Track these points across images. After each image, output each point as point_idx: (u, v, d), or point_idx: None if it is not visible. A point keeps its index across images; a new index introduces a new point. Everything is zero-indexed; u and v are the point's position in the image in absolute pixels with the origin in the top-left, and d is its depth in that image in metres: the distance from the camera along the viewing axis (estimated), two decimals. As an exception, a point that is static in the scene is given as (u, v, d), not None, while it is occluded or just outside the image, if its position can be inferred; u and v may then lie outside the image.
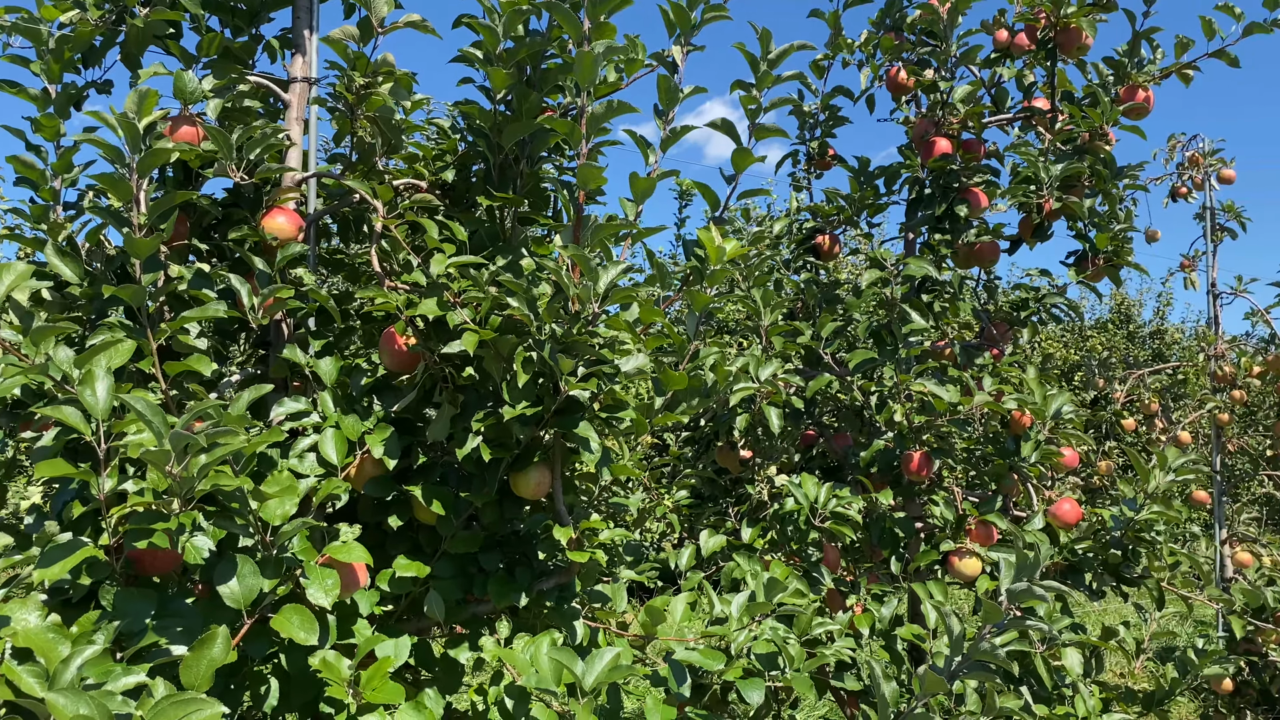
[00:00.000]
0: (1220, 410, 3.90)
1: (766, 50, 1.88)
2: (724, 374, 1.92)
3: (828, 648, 2.10)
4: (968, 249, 2.83)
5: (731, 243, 1.88)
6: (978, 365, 2.67)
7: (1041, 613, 2.35)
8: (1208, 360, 3.97)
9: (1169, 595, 2.47)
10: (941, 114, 2.69)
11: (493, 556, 1.80)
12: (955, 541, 2.37)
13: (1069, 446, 2.70)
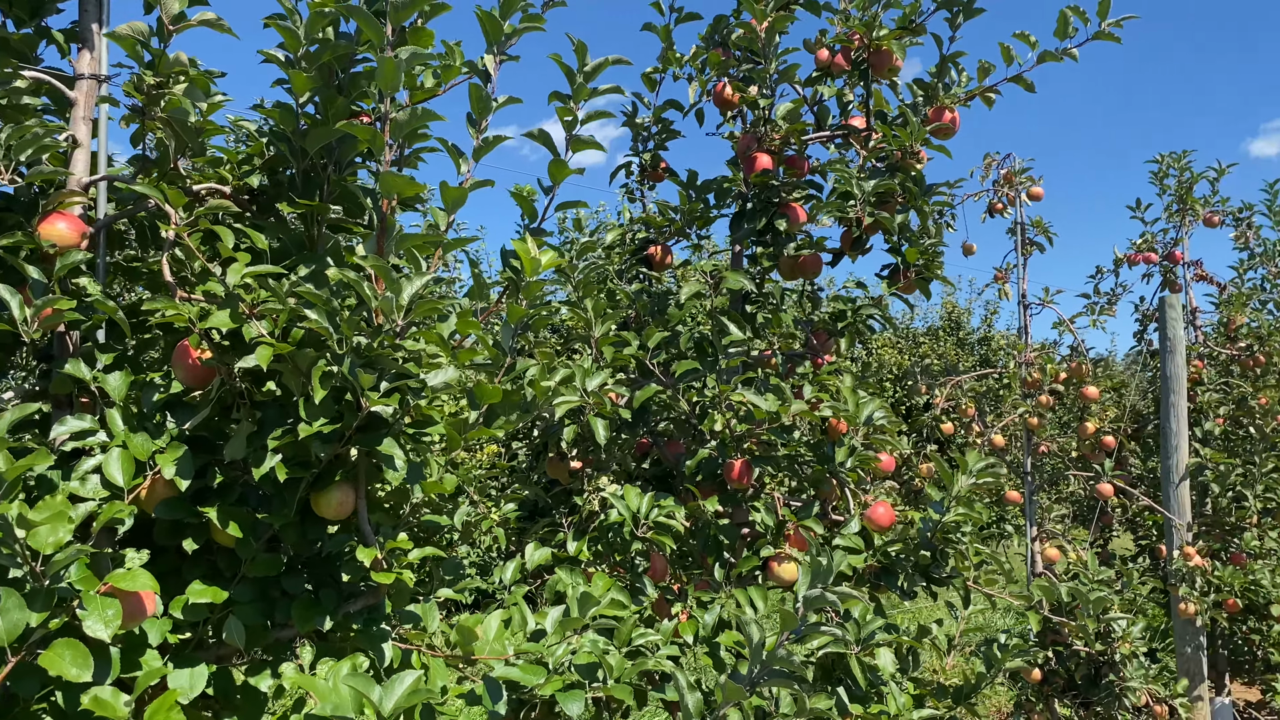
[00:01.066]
0: (1030, 414, 4.15)
1: (583, 63, 1.88)
2: (542, 388, 1.91)
3: (649, 657, 2.11)
4: (792, 261, 2.91)
5: (549, 254, 1.87)
6: (798, 374, 2.74)
7: (856, 614, 2.43)
8: (1019, 367, 4.22)
9: (977, 592, 2.60)
10: (764, 130, 2.76)
11: (297, 579, 1.73)
12: (775, 547, 2.43)
13: (885, 451, 2.81)
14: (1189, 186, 5.42)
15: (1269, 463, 4.77)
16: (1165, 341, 4.95)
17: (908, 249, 2.73)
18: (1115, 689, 3.63)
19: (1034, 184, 4.33)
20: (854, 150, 2.98)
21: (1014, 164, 4.35)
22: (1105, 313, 4.75)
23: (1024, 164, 4.34)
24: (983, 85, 2.67)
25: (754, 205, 2.74)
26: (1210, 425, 5.11)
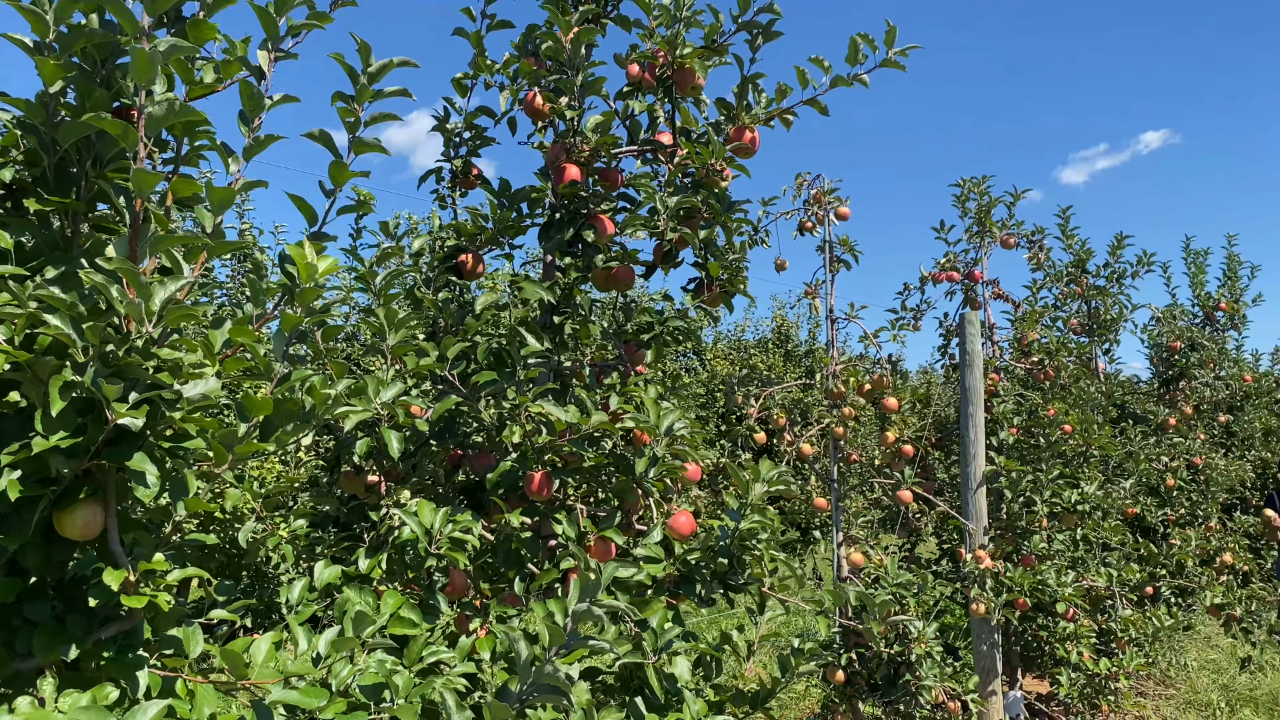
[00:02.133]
0: (835, 424, 4.31)
1: (367, 63, 1.83)
2: (322, 397, 1.84)
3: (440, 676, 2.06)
4: (605, 273, 2.92)
5: (327, 260, 1.80)
6: (605, 385, 2.75)
7: (654, 623, 2.45)
8: (825, 379, 4.38)
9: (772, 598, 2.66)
10: (573, 141, 2.76)
11: (41, 605, 1.60)
12: (576, 558, 2.42)
13: (693, 461, 2.85)
14: (987, 210, 5.77)
15: (1054, 469, 5.12)
16: (965, 356, 5.25)
17: (711, 263, 2.79)
18: (911, 688, 3.80)
19: (841, 204, 4.51)
20: (664, 166, 3.03)
21: (823, 184, 4.52)
22: (907, 328, 4.98)
23: (832, 185, 4.52)
24: (780, 107, 2.75)
25: (562, 216, 2.74)
26: (1005, 435, 5.45)
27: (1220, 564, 7.15)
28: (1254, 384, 9.66)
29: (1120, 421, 7.13)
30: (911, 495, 4.49)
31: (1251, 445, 9.37)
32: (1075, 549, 5.48)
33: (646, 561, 2.51)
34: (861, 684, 4.07)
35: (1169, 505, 7.02)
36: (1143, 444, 6.67)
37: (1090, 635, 5.27)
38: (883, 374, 4.38)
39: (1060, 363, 5.68)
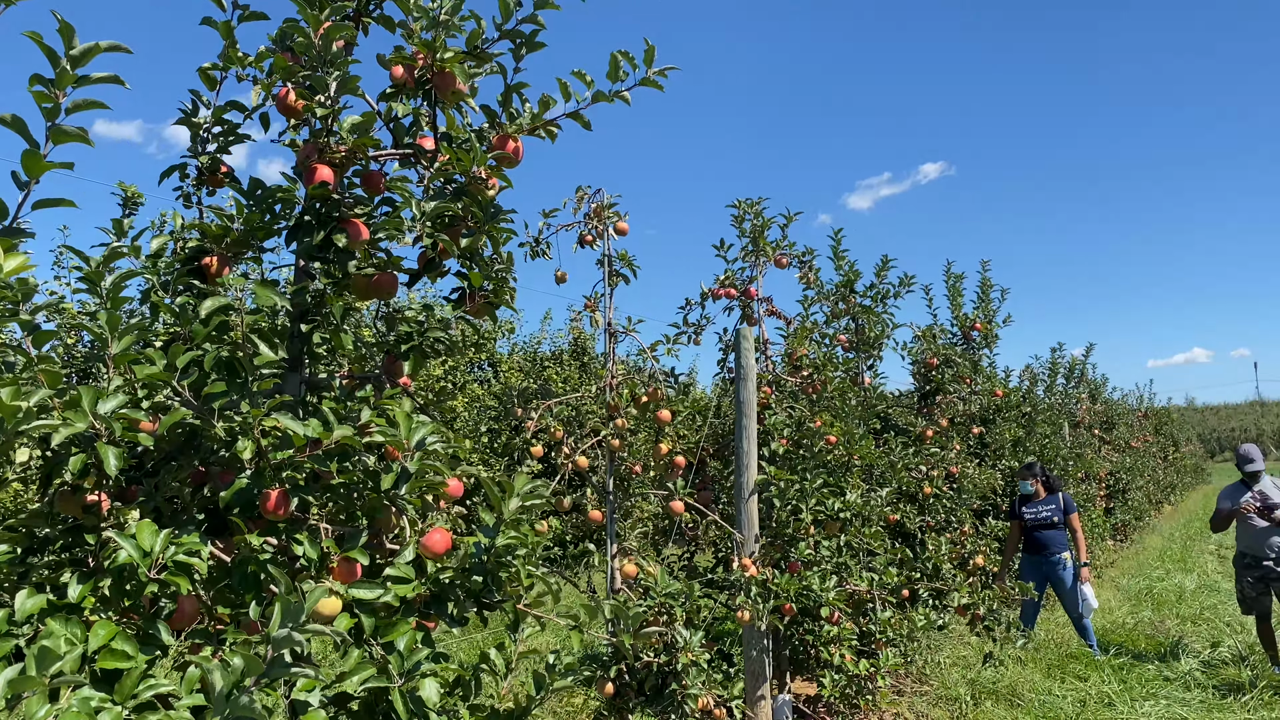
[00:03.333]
0: (611, 436, 4.34)
1: (70, 46, 1.66)
2: (10, 410, 1.65)
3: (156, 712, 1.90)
4: (365, 280, 2.80)
5: (17, 258, 1.62)
6: (357, 398, 2.64)
7: (401, 646, 2.36)
8: (601, 391, 4.41)
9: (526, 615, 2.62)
10: (327, 141, 2.63)
11: None
12: (317, 580, 2.30)
13: (455, 477, 2.78)
14: (761, 230, 5.99)
15: (818, 479, 5.36)
16: (739, 369, 5.42)
17: (474, 273, 2.73)
18: (678, 697, 3.86)
19: (620, 219, 4.56)
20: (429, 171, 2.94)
21: (603, 199, 4.55)
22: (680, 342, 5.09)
23: (612, 199, 4.56)
24: (544, 119, 2.73)
25: (311, 219, 2.61)
26: (776, 445, 5.65)
27: (973, 566, 7.72)
28: (1004, 398, 10.52)
29: (883, 433, 7.56)
30: (683, 506, 4.57)
31: (1001, 455, 10.18)
32: (839, 555, 5.76)
33: (395, 582, 2.41)
34: (631, 695, 4.10)
35: (926, 512, 7.51)
36: (902, 454, 7.10)
37: (852, 638, 5.55)
38: (658, 387, 4.45)
39: (827, 377, 5.96)
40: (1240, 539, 7.41)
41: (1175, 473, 26.04)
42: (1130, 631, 8.87)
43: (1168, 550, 15.19)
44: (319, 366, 2.98)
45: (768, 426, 5.70)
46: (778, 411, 5.84)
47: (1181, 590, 11.04)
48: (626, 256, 4.59)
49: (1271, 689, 6.60)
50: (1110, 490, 16.09)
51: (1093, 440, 16.47)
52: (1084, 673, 7.06)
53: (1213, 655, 7.83)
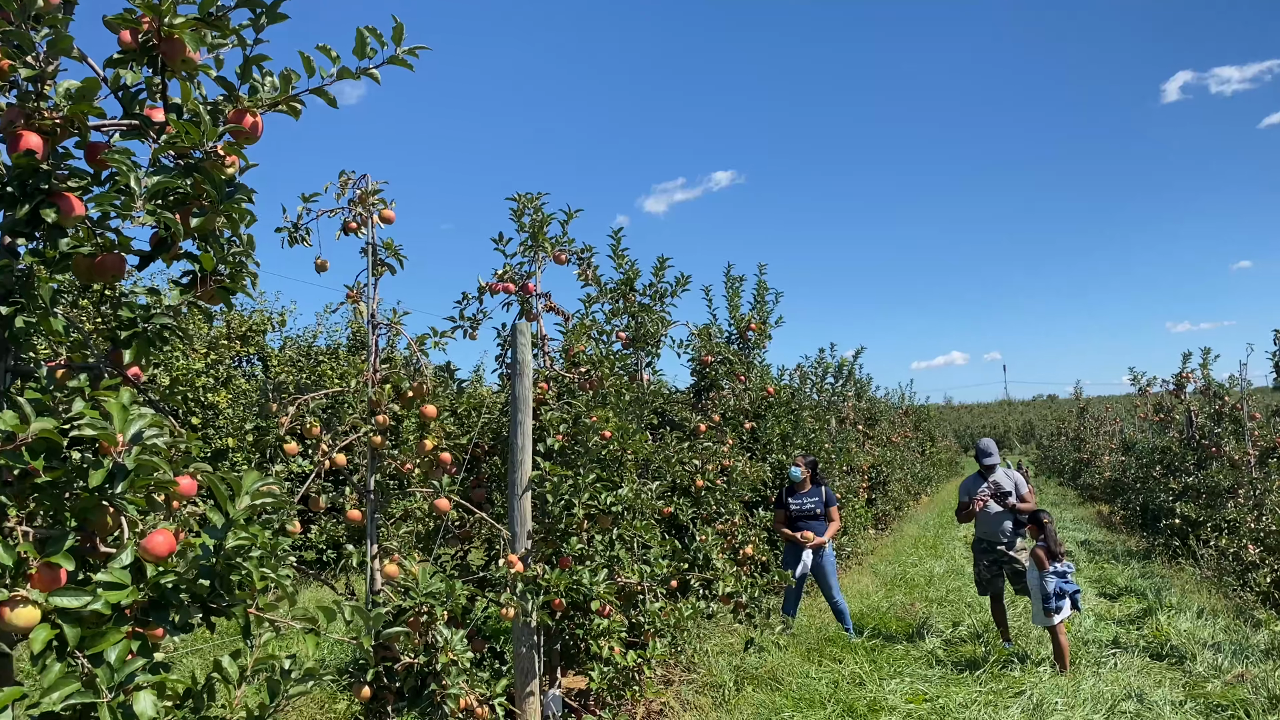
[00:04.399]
0: (373, 433, 4.19)
1: None
2: None
3: None
4: (88, 261, 2.56)
5: None
6: (70, 388, 2.41)
7: (112, 657, 2.17)
8: (363, 386, 4.25)
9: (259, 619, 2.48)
10: (36, 106, 2.39)
11: None
12: (11, 589, 2.07)
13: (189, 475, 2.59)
14: (541, 226, 5.97)
15: (591, 473, 5.39)
16: (515, 365, 5.37)
17: (205, 255, 2.55)
18: (436, 697, 3.77)
19: (386, 206, 4.41)
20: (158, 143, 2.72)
21: (368, 185, 4.39)
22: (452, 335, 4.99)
23: (377, 185, 4.40)
24: (287, 94, 2.59)
25: (16, 190, 2.35)
26: (552, 441, 5.65)
27: (742, 556, 8.02)
28: (775, 395, 10.99)
29: (660, 428, 7.73)
30: (449, 503, 4.48)
31: (771, 449, 10.64)
32: (612, 549, 5.83)
33: (107, 588, 2.22)
34: (390, 698, 3.97)
35: (699, 504, 7.73)
36: (677, 448, 7.27)
37: (621, 630, 5.62)
38: (423, 382, 4.33)
39: (605, 373, 6.02)
40: (978, 526, 8.07)
41: (932, 466, 28.11)
42: (884, 615, 9.48)
43: (922, 538, 16.37)
44: (35, 353, 2.70)
45: (544, 422, 5.68)
46: (554, 407, 5.84)
47: (931, 574, 11.92)
48: (393, 245, 4.44)
49: (1001, 662, 7.23)
50: (872, 482, 17.16)
51: (857, 435, 17.51)
52: (840, 655, 7.48)
53: (953, 634, 8.50)
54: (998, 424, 70.79)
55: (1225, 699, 6.18)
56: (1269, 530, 9.90)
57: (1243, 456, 11.70)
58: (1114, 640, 8.11)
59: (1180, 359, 13.90)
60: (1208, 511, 11.98)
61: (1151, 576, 11.30)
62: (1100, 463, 22.52)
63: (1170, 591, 10.01)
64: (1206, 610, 8.89)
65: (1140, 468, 15.90)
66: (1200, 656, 7.19)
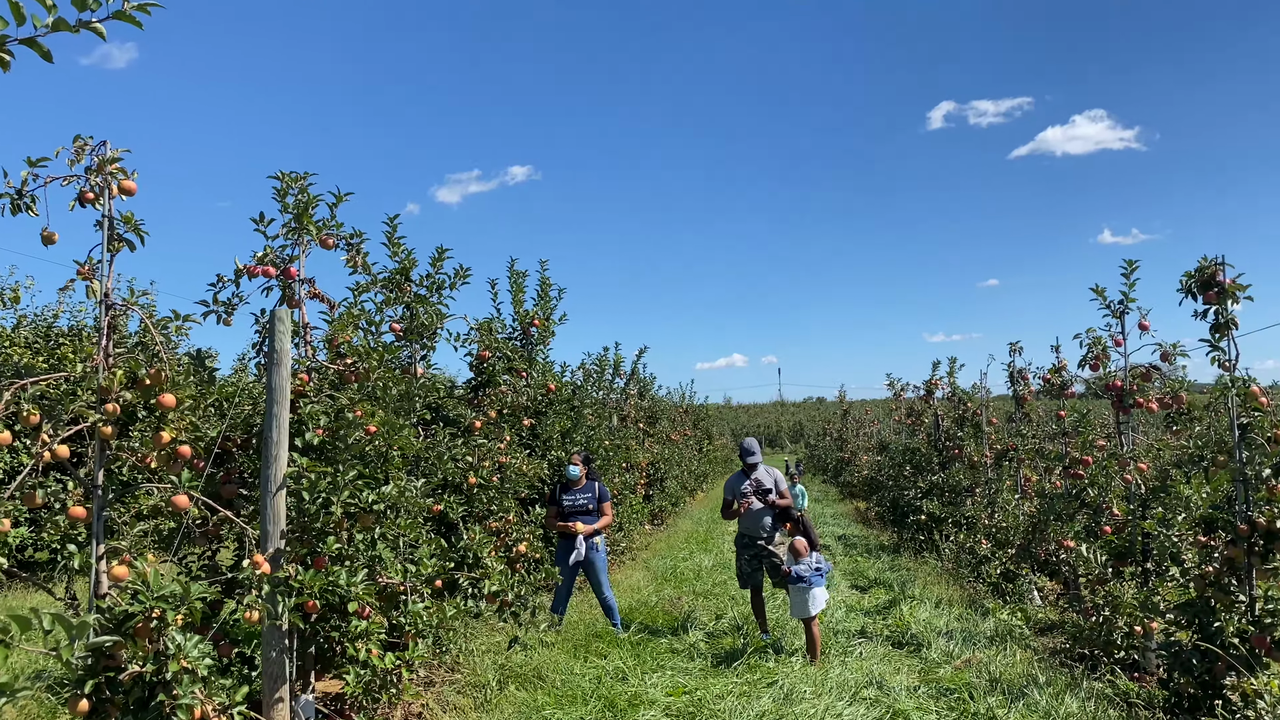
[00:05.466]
0: (102, 423, 3.84)
1: None
2: None
3: None
4: None
5: None
6: None
7: None
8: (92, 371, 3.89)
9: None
10: None
11: None
12: None
13: None
14: (306, 207, 5.67)
15: (352, 470, 5.18)
16: (273, 354, 5.08)
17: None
18: (165, 708, 3.50)
19: (126, 177, 4.05)
20: None
21: (107, 152, 4.02)
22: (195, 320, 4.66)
23: (117, 154, 4.03)
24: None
25: None
26: (311, 435, 5.38)
27: (516, 554, 7.96)
28: (556, 392, 11.01)
29: (433, 424, 7.55)
30: (188, 500, 4.17)
31: (551, 446, 10.65)
32: (374, 548, 5.63)
33: None
34: (113, 711, 3.65)
35: (472, 502, 7.61)
36: (450, 444, 7.12)
37: (381, 631, 5.44)
38: (161, 368, 4.00)
39: (372, 365, 5.79)
40: (741, 521, 8.38)
41: (708, 463, 29.10)
42: (652, 609, 9.69)
43: (694, 533, 16.88)
44: None
45: (303, 416, 5.40)
46: (315, 400, 5.57)
47: (700, 569, 12.31)
48: (133, 219, 4.08)
49: (758, 653, 7.54)
50: (650, 479, 17.55)
51: (638, 433, 17.87)
52: (606, 650, 7.56)
53: (716, 626, 8.79)
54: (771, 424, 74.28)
55: (954, 683, 6.71)
56: (1000, 526, 10.86)
57: (981, 458, 12.76)
58: (861, 630, 8.64)
59: (931, 367, 15.02)
60: (950, 508, 12.99)
61: (899, 569, 12.12)
62: (859, 462, 24.02)
63: (914, 583, 10.77)
64: (944, 600, 9.64)
65: (893, 467, 17.05)
66: (935, 644, 7.77)
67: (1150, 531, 6.73)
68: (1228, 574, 5.55)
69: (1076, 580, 8.75)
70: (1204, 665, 5.40)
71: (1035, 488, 11.40)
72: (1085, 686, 6.30)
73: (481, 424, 8.00)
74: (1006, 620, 8.38)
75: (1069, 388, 10.07)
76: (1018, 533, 10.28)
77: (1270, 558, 5.29)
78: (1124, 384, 7.24)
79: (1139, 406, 7.22)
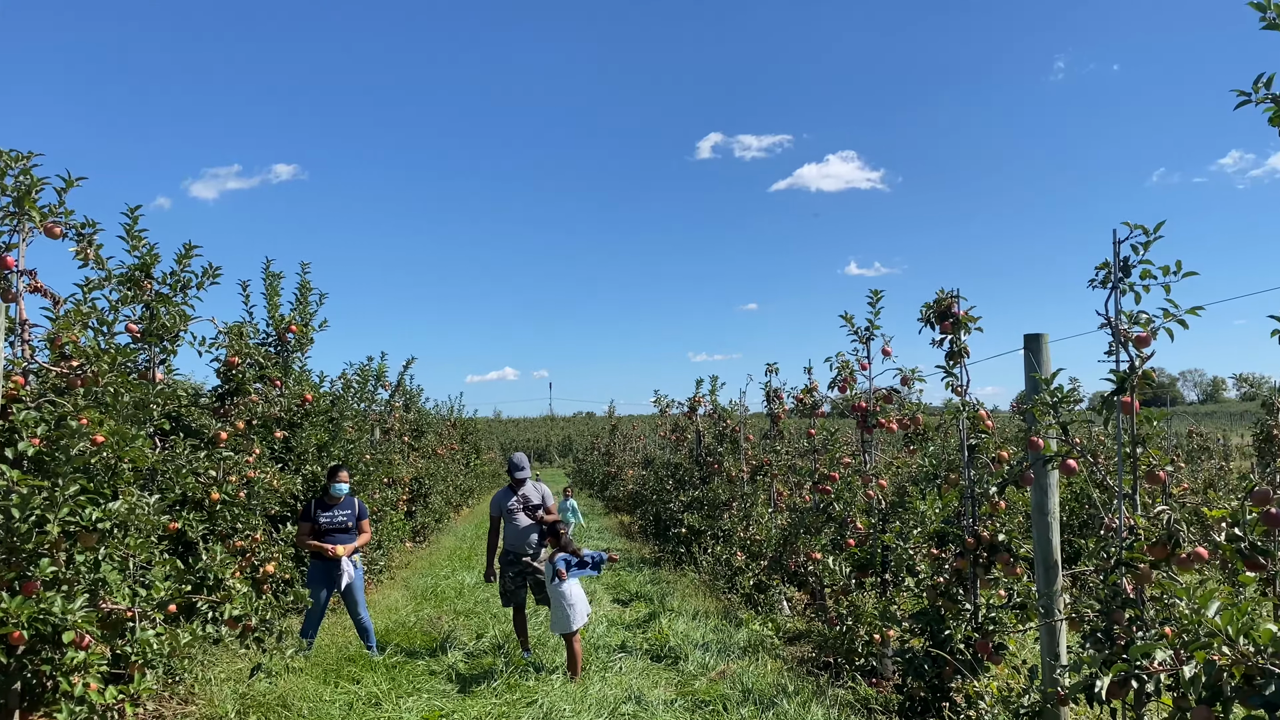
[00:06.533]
0: None
1: None
2: None
3: None
4: None
5: None
6: None
7: None
8: None
9: None
10: None
11: None
12: None
13: None
14: (29, 190, 5.09)
15: (74, 484, 4.67)
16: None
17: None
18: None
19: None
20: None
21: None
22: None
23: None
24: None
25: None
26: (25, 445, 4.79)
27: (263, 574, 7.45)
28: (313, 403, 10.47)
29: (172, 434, 6.95)
30: None
31: (306, 460, 10.10)
32: (97, 570, 5.09)
33: None
34: None
35: (214, 520, 7.06)
36: (190, 457, 6.59)
37: (102, 662, 4.92)
38: None
39: (101, 368, 5.26)
40: (506, 538, 8.26)
41: (475, 478, 28.69)
42: (410, 630, 9.37)
43: (458, 550, 16.55)
44: None
45: (15, 423, 4.81)
46: (31, 405, 4.98)
47: (463, 586, 12.05)
48: None
49: (519, 672, 7.44)
50: (414, 494, 17.06)
51: (403, 447, 17.34)
52: (359, 675, 7.22)
53: (476, 646, 8.61)
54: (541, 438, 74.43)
55: (708, 694, 6.88)
56: (754, 539, 11.31)
57: (738, 473, 13.26)
58: (622, 645, 8.72)
59: (695, 385, 15.50)
60: (709, 522, 13.41)
61: (660, 582, 12.37)
62: (625, 476, 24.42)
63: (674, 596, 11.02)
64: (701, 612, 9.91)
65: (657, 481, 17.44)
66: (692, 656, 7.96)
67: (889, 544, 7.19)
68: (956, 584, 6.00)
69: (823, 591, 9.24)
70: (934, 670, 5.80)
71: (787, 502, 11.96)
72: (830, 694, 6.63)
73: (228, 435, 7.45)
74: (759, 631, 8.71)
75: (819, 407, 10.65)
76: (770, 545, 10.73)
77: (992, 568, 5.77)
78: (868, 405, 7.72)
79: (881, 426, 7.72)
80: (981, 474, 6.00)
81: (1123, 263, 4.26)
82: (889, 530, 7.30)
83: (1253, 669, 2.97)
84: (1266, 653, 2.92)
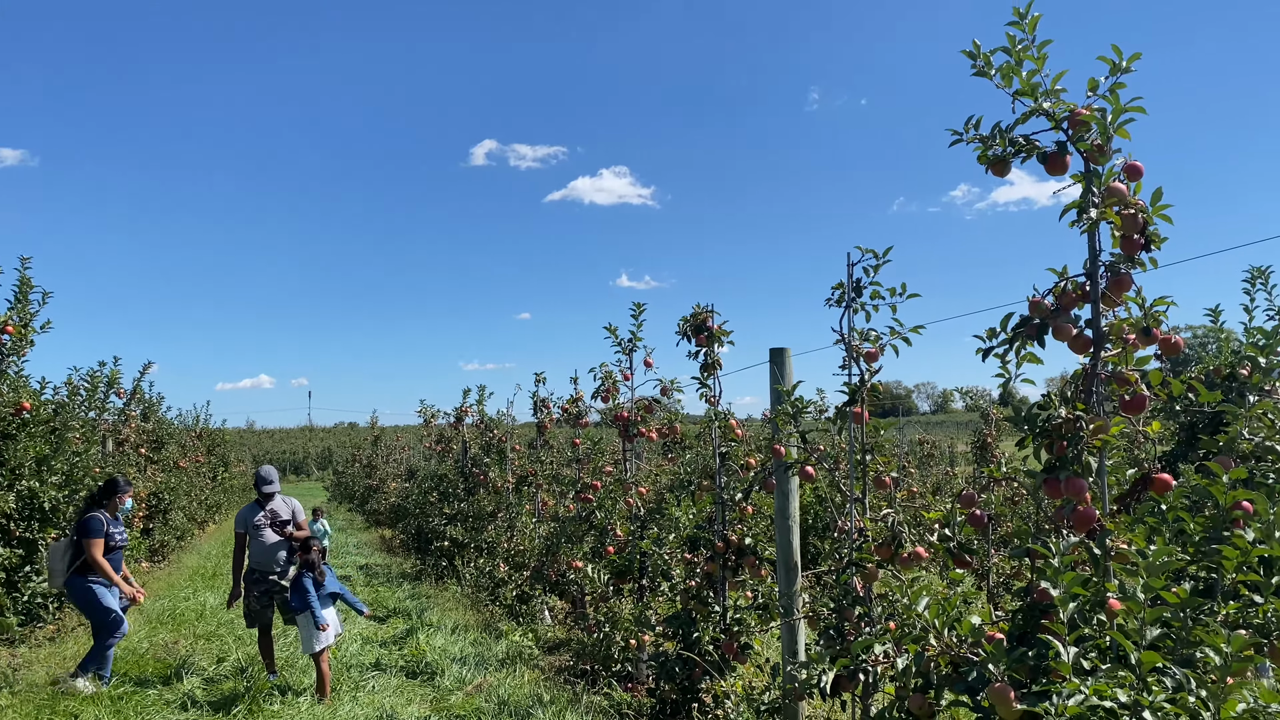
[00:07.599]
0: None
1: None
2: None
3: None
4: None
5: None
6: None
7: None
8: None
9: None
10: None
11: None
12: None
13: None
14: None
15: None
16: None
17: None
18: None
19: None
20: None
21: None
22: None
23: None
24: None
25: None
26: None
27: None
28: (32, 411, 9.49)
29: None
30: None
31: (22, 475, 9.15)
32: None
33: None
34: None
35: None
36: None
37: None
38: None
39: None
40: (252, 556, 7.79)
41: (223, 492, 26.91)
42: (142, 657, 8.64)
43: (202, 569, 15.47)
44: None
45: None
46: None
47: (204, 608, 11.26)
48: None
49: (263, 696, 7.02)
50: (152, 510, 15.79)
51: (139, 459, 16.02)
52: (78, 709, 6.58)
53: (216, 670, 8.07)
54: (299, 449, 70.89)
55: (464, 709, 6.77)
56: (518, 549, 11.27)
57: (504, 483, 13.19)
58: (376, 663, 8.43)
59: (462, 395, 15.28)
60: (473, 534, 13.24)
61: (420, 597, 12.07)
62: (387, 489, 23.70)
63: (433, 610, 10.78)
64: (461, 626, 9.75)
65: (421, 494, 17.04)
66: (449, 671, 7.81)
67: (646, 550, 7.36)
68: (706, 587, 6.23)
69: (584, 598, 9.34)
70: (685, 672, 5.98)
71: (551, 511, 12.01)
72: (585, 701, 6.69)
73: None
74: (519, 642, 8.67)
75: (584, 417, 10.77)
76: (533, 555, 10.74)
77: (740, 571, 6.03)
78: (630, 415, 7.89)
79: (642, 435, 7.91)
80: (731, 480, 6.26)
81: (855, 284, 4.57)
82: (646, 536, 7.48)
83: (958, 658, 3.26)
84: (968, 643, 3.21)
